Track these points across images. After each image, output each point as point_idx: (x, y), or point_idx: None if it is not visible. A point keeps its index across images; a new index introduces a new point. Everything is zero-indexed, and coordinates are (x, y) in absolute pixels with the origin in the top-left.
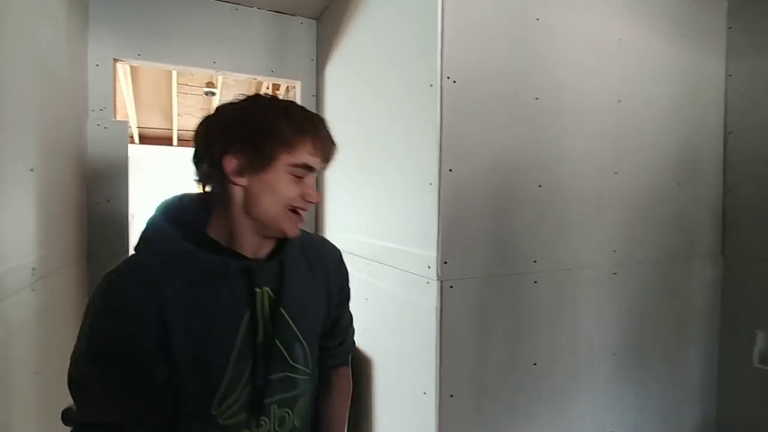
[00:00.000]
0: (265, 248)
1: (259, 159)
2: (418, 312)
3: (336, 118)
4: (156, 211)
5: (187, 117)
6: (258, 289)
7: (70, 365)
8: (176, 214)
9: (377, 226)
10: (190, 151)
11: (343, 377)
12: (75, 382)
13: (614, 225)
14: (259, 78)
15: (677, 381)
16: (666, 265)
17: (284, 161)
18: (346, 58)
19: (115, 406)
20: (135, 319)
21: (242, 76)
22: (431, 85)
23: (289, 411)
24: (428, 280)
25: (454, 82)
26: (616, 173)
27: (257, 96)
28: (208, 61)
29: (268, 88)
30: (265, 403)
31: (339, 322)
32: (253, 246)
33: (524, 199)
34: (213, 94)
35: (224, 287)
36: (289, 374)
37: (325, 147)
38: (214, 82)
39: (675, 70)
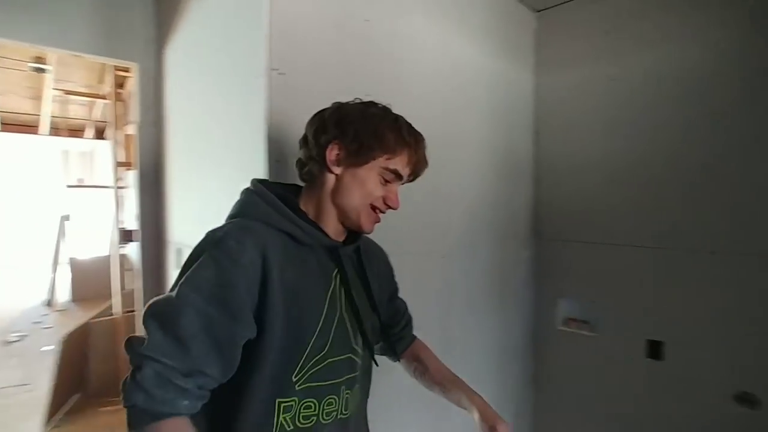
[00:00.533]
0: (342, 237)
1: (358, 154)
2: None
3: (176, 104)
4: (251, 185)
5: (12, 96)
6: (346, 268)
7: (158, 300)
8: (270, 188)
9: (214, 217)
10: (15, 137)
11: (422, 344)
12: (157, 315)
13: (445, 214)
14: (86, 56)
15: (503, 343)
16: (491, 246)
17: (380, 163)
18: (185, 41)
19: (187, 350)
20: (240, 271)
21: (67, 53)
22: (258, 76)
23: (350, 392)
24: None
25: (282, 74)
26: (445, 167)
27: (374, 103)
28: (26, 33)
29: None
30: (335, 383)
31: (397, 311)
32: (335, 230)
33: None
34: (43, 70)
35: (313, 259)
36: (352, 356)
37: (418, 162)
38: (44, 57)
39: (493, 78)
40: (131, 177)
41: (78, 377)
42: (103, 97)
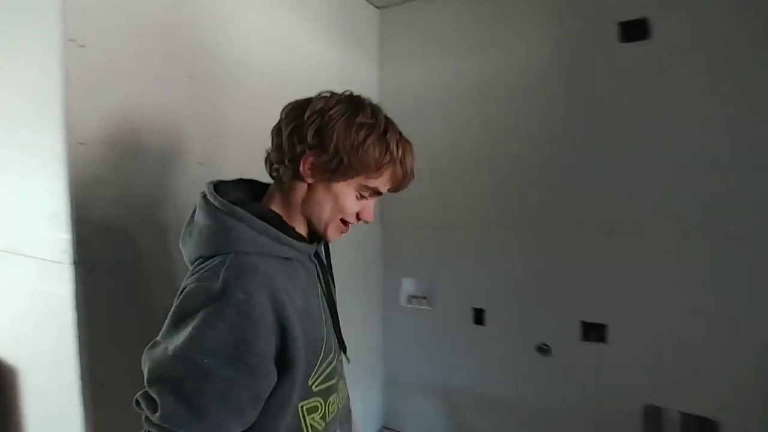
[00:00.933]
0: (308, 233)
1: (337, 171)
2: (57, 303)
3: None
4: (218, 204)
5: None
6: (325, 271)
7: (163, 361)
8: (237, 200)
9: (7, 208)
10: None
11: None
12: (167, 381)
13: None
14: None
15: (363, 320)
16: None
17: (359, 181)
18: None
19: (206, 419)
20: (254, 324)
21: None
22: (53, 48)
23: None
24: (63, 265)
25: (82, 46)
26: None
27: (362, 104)
28: None
29: None
30: (338, 371)
31: None
32: (305, 232)
33: (182, 176)
34: None
35: (302, 269)
36: (332, 343)
37: (403, 179)
38: None
39: (337, 70)
40: None
41: None
42: None
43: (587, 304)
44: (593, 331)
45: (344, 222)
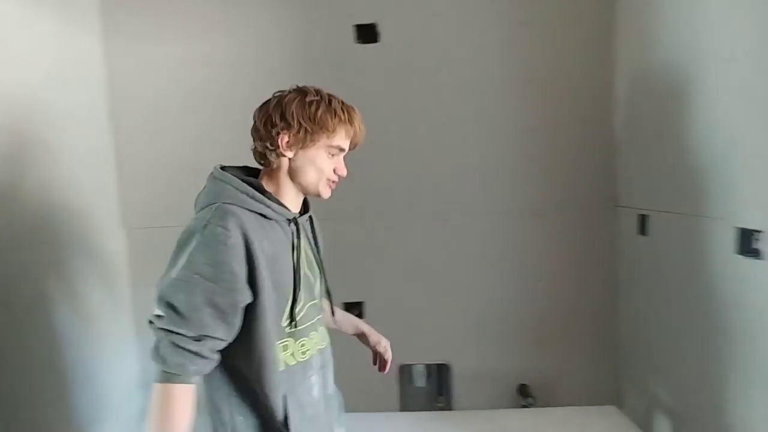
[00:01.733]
0: (299, 205)
1: (306, 139)
2: None
3: None
4: (216, 174)
5: None
6: (301, 235)
7: (166, 284)
8: (235, 174)
9: None
10: None
11: None
12: (166, 296)
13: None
14: None
15: (116, 348)
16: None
17: (324, 143)
18: None
19: (195, 320)
20: (229, 251)
21: None
22: None
23: (322, 328)
24: None
25: None
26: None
27: (307, 89)
28: None
29: None
30: (312, 323)
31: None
32: (293, 204)
33: None
34: None
35: (279, 229)
36: (315, 302)
37: (357, 134)
38: None
39: (54, 44)
40: None
41: None
42: None
43: (347, 286)
44: (353, 310)
45: (328, 180)
